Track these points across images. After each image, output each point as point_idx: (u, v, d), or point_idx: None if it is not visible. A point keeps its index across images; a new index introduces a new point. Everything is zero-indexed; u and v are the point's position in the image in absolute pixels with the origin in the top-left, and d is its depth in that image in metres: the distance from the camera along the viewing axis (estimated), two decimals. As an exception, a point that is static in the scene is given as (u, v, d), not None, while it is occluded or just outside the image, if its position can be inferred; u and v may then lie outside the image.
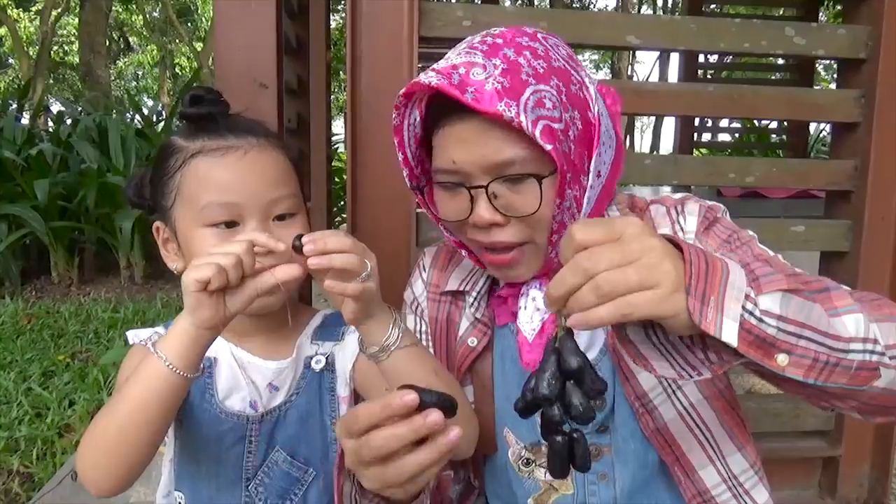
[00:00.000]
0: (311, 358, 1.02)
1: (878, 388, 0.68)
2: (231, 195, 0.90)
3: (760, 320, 0.63)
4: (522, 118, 0.77)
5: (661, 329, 0.69)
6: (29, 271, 5.16)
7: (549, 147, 0.78)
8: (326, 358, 1.02)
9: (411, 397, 0.64)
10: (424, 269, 1.08)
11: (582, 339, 0.96)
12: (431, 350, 1.04)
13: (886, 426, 1.76)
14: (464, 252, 0.96)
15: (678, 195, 1.00)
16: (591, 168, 0.84)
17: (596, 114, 0.85)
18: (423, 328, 1.05)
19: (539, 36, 0.85)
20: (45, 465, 2.32)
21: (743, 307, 0.62)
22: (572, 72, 0.85)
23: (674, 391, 0.93)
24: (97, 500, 1.93)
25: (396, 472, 0.65)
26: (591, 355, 0.96)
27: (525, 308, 0.94)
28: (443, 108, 0.84)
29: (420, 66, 1.41)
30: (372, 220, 1.46)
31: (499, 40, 0.83)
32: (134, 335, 1.00)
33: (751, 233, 0.93)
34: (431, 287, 1.06)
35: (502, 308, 0.98)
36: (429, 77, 0.81)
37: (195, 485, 0.99)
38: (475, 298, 1.00)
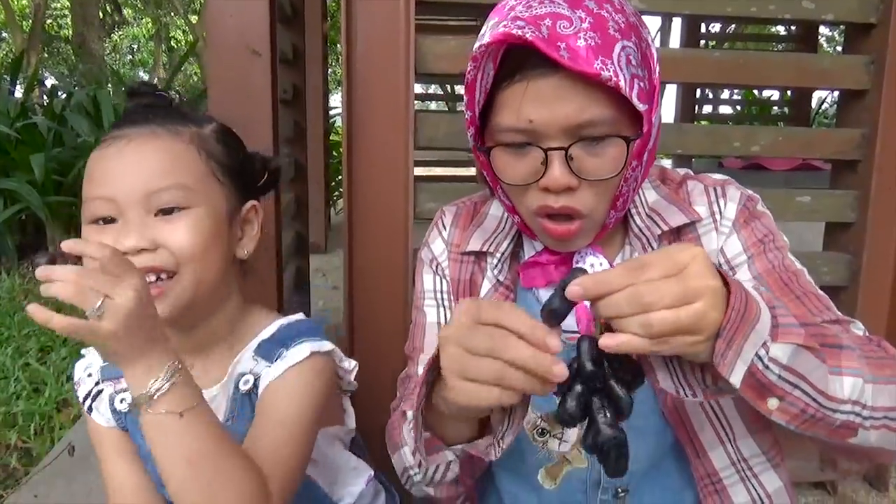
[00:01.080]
0: (242, 377, 0.94)
1: (851, 443, 0.72)
2: (105, 188, 0.84)
3: (767, 367, 0.64)
4: (620, 78, 0.73)
5: None
6: (25, 247, 5.13)
7: (643, 107, 0.75)
8: (256, 379, 0.93)
9: (560, 368, 0.61)
10: (445, 228, 1.05)
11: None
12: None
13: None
14: (516, 218, 0.92)
15: (717, 175, 0.97)
16: (653, 128, 0.81)
17: (657, 74, 0.81)
18: (444, 287, 1.03)
19: None
20: (43, 439, 2.31)
21: (756, 353, 0.64)
22: (642, 30, 0.81)
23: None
24: (95, 475, 1.91)
25: (485, 368, 0.63)
26: None
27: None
28: (517, 61, 0.77)
29: (416, 36, 1.37)
30: (369, 191, 1.42)
31: None
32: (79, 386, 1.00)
33: (785, 238, 0.91)
34: (453, 247, 1.03)
35: (534, 271, 0.94)
36: (520, 28, 0.74)
37: None
38: (499, 260, 0.97)
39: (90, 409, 0.99)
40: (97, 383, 0.99)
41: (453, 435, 0.80)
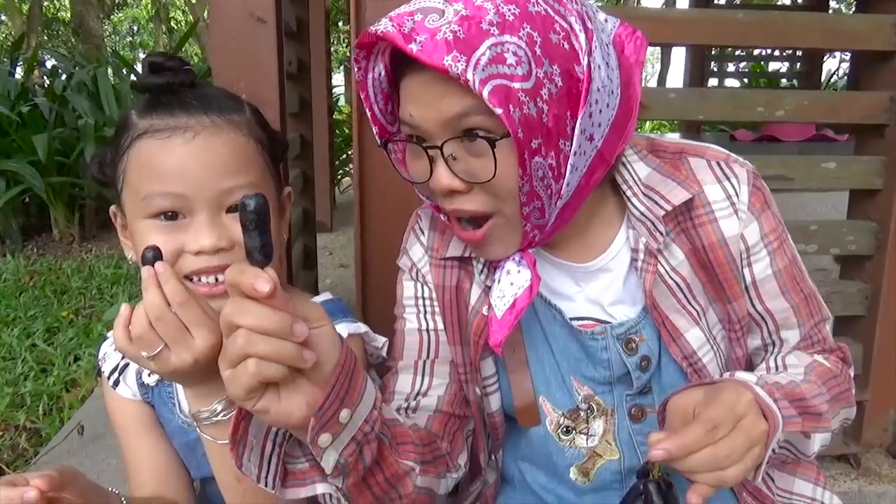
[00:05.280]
0: None
1: None
2: (175, 185, 0.81)
3: (773, 452, 0.75)
4: (470, 75, 0.67)
5: None
6: (29, 228, 5.10)
7: (498, 111, 0.68)
8: None
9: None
10: (422, 233, 0.98)
11: (625, 294, 0.90)
12: (441, 319, 0.95)
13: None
14: (443, 217, 0.87)
15: (716, 148, 0.91)
16: (577, 131, 0.73)
17: (586, 67, 0.72)
18: (426, 293, 0.96)
19: None
20: (51, 420, 2.30)
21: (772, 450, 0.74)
22: (556, 18, 0.72)
23: (719, 348, 0.89)
24: (105, 454, 1.90)
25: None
26: (636, 311, 0.90)
27: (499, 282, 0.85)
28: (403, 58, 0.75)
29: None
30: (380, 164, 1.38)
31: None
32: (104, 361, 0.98)
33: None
34: (433, 252, 0.96)
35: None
36: (378, 24, 0.73)
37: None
38: (484, 265, 0.91)
39: (116, 382, 0.96)
40: (123, 357, 0.97)
41: None
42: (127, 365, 0.97)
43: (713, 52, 5.95)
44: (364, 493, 0.77)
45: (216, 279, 0.83)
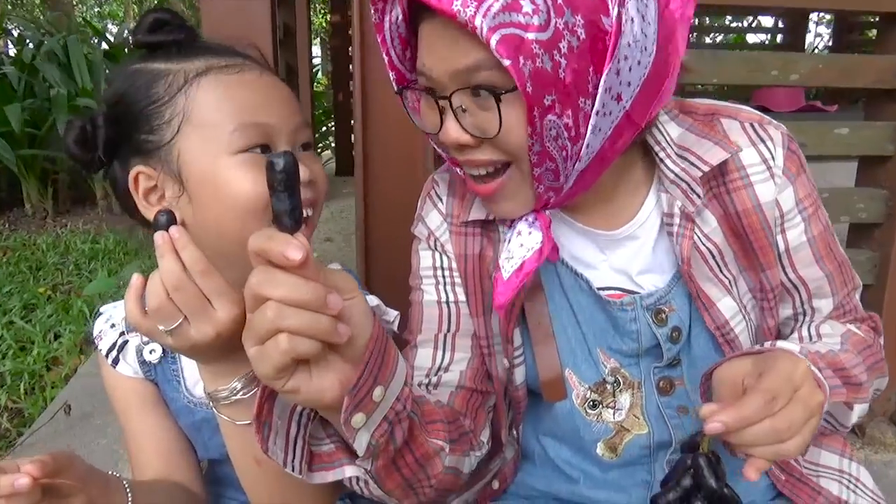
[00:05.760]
0: None
1: None
2: (265, 115, 0.77)
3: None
4: (479, 22, 0.63)
5: None
6: (0, 203, 4.94)
7: (506, 62, 0.63)
8: None
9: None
10: (440, 199, 0.92)
11: (653, 262, 0.86)
12: (462, 290, 0.91)
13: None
14: (458, 170, 0.82)
15: (748, 110, 0.87)
16: (600, 88, 0.67)
17: (615, 19, 0.66)
18: (445, 263, 0.91)
19: None
20: (34, 399, 2.22)
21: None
22: None
23: (750, 318, 0.86)
24: (94, 435, 1.83)
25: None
26: (665, 280, 0.86)
27: (508, 242, 0.81)
28: (420, 4, 0.70)
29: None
30: (384, 125, 1.31)
31: None
32: (101, 339, 0.92)
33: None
34: (453, 218, 0.91)
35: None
36: None
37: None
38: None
39: (116, 360, 0.91)
40: (121, 334, 0.92)
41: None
42: (126, 342, 0.91)
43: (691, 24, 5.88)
44: (393, 474, 0.72)
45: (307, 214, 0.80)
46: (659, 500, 0.71)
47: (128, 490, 0.77)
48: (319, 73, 8.05)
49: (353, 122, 1.34)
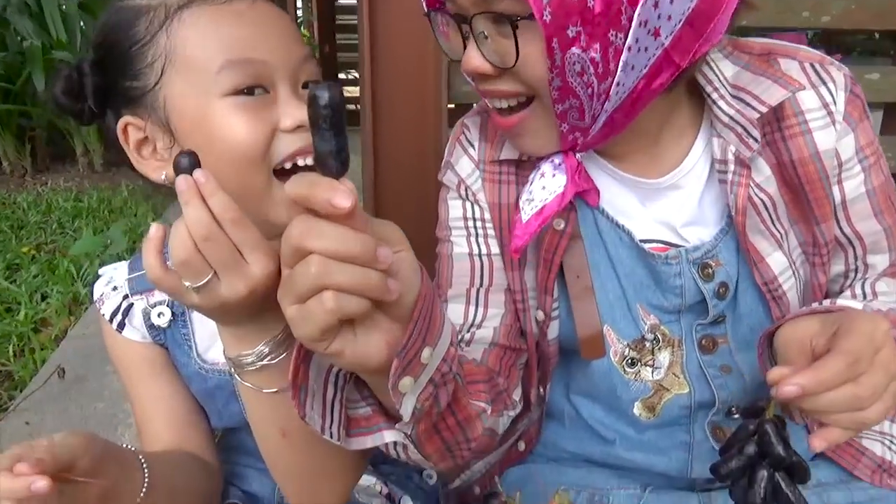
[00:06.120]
0: None
1: None
2: (256, 51, 0.68)
3: None
4: None
5: None
6: (-24, 160, 4.78)
7: None
8: None
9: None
10: (471, 145, 0.87)
11: (699, 214, 0.81)
12: (497, 242, 0.85)
13: None
14: (486, 101, 0.78)
15: (807, 49, 0.81)
16: (634, 21, 0.62)
17: None
18: (478, 213, 0.86)
19: None
20: (24, 362, 2.15)
21: None
22: None
23: (799, 274, 0.82)
24: (90, 400, 1.77)
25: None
26: (711, 233, 0.81)
27: (531, 184, 0.77)
28: None
29: None
30: (394, 70, 1.23)
31: None
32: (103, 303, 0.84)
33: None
34: (487, 164, 0.85)
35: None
36: None
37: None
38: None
39: (121, 325, 0.84)
40: (125, 297, 0.85)
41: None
42: (132, 305, 0.84)
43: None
44: (433, 438, 0.67)
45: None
46: (721, 469, 0.66)
47: (144, 465, 0.71)
48: (302, 28, 7.81)
49: (358, 66, 1.25)
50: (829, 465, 0.88)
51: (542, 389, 0.94)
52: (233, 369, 0.67)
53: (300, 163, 0.71)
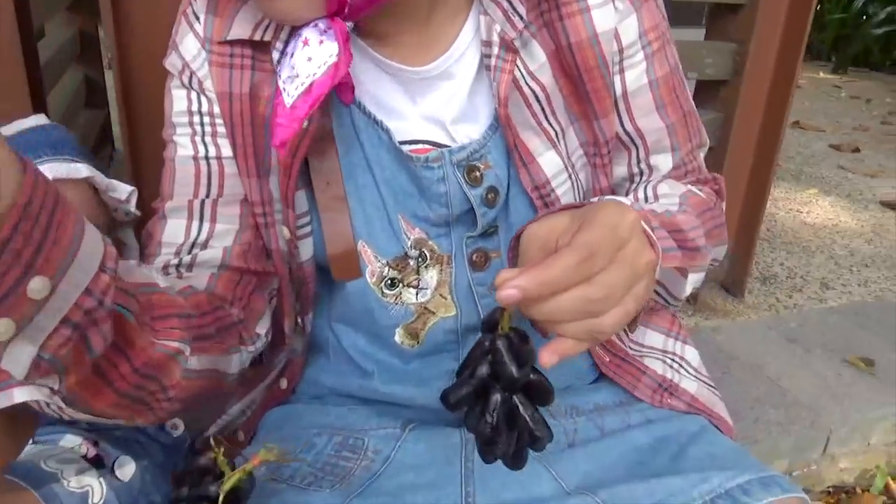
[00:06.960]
0: None
1: None
2: None
3: None
4: None
5: None
6: None
7: None
8: None
9: None
10: (196, 18, 0.68)
11: (468, 108, 0.70)
12: (229, 142, 0.70)
13: (754, 207, 1.68)
14: None
15: None
16: None
17: None
18: (205, 107, 0.70)
19: None
20: None
21: None
22: None
23: (578, 178, 0.72)
24: None
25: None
26: (475, 134, 0.70)
27: (291, 56, 0.63)
28: None
29: None
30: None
31: None
32: None
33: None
34: (214, 45, 0.67)
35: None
36: None
37: None
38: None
39: None
40: None
41: None
42: None
43: None
44: (102, 391, 0.50)
45: None
46: (450, 396, 0.53)
47: None
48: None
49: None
50: (610, 386, 0.81)
51: (300, 319, 0.80)
52: None
53: None
